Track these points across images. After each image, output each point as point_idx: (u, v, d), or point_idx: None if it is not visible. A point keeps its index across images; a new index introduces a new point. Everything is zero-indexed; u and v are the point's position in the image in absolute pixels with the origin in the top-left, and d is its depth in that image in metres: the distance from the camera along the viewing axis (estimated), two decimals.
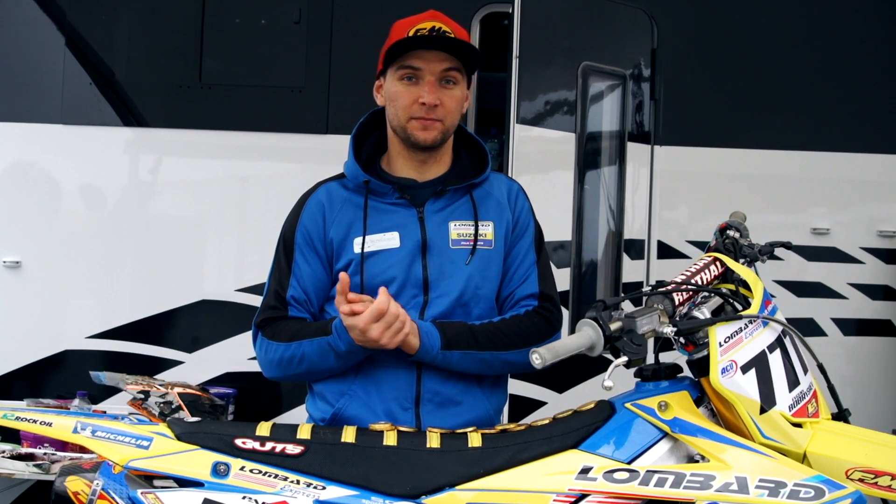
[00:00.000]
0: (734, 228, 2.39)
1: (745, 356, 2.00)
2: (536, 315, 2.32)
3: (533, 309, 2.33)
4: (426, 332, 2.19)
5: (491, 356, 2.25)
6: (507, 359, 2.27)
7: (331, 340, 2.19)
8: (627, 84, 4.11)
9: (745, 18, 4.27)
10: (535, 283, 2.35)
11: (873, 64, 4.23)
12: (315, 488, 1.94)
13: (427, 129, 2.28)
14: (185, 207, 4.19)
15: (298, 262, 2.31)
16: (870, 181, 4.22)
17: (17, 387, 4.10)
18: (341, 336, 2.16)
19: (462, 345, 2.22)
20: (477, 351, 2.23)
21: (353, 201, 2.33)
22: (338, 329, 2.17)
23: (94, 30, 4.20)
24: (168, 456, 1.98)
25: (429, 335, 2.19)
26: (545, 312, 2.34)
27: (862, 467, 1.93)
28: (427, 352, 2.19)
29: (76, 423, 2.01)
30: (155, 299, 4.13)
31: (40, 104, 4.17)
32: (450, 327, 2.23)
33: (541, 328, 2.31)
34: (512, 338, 2.27)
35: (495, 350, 2.25)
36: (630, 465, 1.94)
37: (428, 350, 2.19)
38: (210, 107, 4.16)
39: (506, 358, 2.27)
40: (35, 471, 3.55)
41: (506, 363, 2.28)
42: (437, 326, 2.22)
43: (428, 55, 2.25)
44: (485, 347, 2.24)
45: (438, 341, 2.20)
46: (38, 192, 4.19)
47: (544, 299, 2.35)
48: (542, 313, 2.33)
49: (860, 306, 4.19)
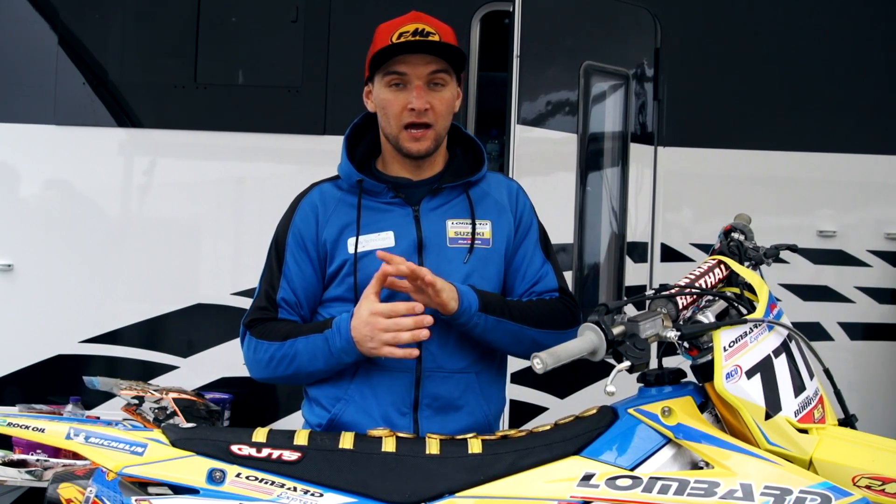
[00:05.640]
0: (739, 231, 2.38)
1: (749, 361, 1.98)
2: (561, 303, 2.34)
3: (558, 298, 2.35)
4: (464, 292, 2.18)
5: (520, 329, 2.25)
6: (533, 336, 2.26)
7: (328, 335, 2.17)
8: (630, 84, 4.10)
9: (751, 17, 4.27)
10: (553, 279, 2.37)
11: (880, 64, 4.24)
12: (312, 495, 1.92)
13: (419, 141, 2.27)
14: (181, 209, 4.18)
15: (289, 264, 2.30)
16: (877, 183, 4.22)
17: (10, 392, 4.09)
18: (342, 331, 2.14)
19: (497, 311, 2.22)
20: (510, 321, 2.23)
21: (346, 201, 2.32)
22: (340, 324, 2.15)
23: (88, 29, 4.19)
24: (163, 462, 1.96)
25: (467, 295, 2.18)
26: (568, 304, 2.35)
27: (869, 474, 1.92)
28: (465, 311, 2.18)
29: (69, 428, 2.00)
30: (149, 303, 4.13)
31: (33, 105, 4.16)
32: (485, 294, 2.23)
33: (566, 315, 2.32)
34: (540, 316, 2.27)
35: (525, 324, 2.25)
36: (633, 472, 1.92)
37: (466, 310, 2.18)
38: (205, 107, 4.16)
39: (533, 335, 2.26)
40: (27, 477, 3.54)
41: (532, 341, 2.25)
42: (474, 289, 2.21)
43: (413, 59, 2.24)
44: (516, 319, 2.24)
45: (477, 302, 2.19)
46: (30, 195, 4.19)
47: (564, 293, 2.37)
48: (566, 304, 2.35)
49: (867, 310, 4.19)
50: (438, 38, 2.24)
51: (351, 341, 2.13)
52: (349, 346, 2.14)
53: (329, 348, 2.17)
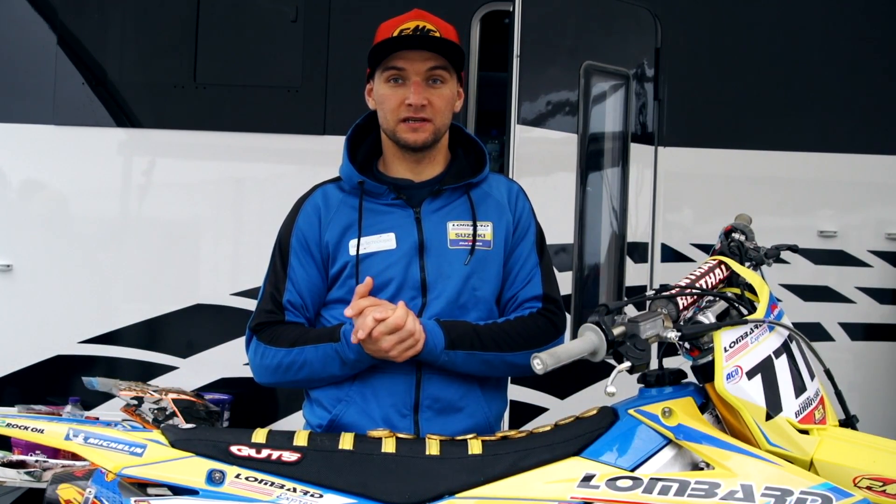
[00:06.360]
0: (739, 231, 2.39)
1: (750, 361, 1.98)
2: (541, 317, 2.30)
3: (537, 311, 2.31)
4: (430, 331, 2.17)
5: (495, 357, 2.22)
6: (510, 360, 2.24)
7: (338, 347, 2.17)
8: (631, 84, 4.10)
9: (752, 17, 4.26)
10: (538, 285, 2.34)
11: (881, 64, 4.23)
12: (312, 496, 1.92)
13: (417, 132, 2.27)
14: (180, 210, 4.17)
15: (294, 266, 2.29)
16: (878, 183, 4.22)
17: (9, 393, 4.08)
18: (350, 343, 2.13)
19: (466, 345, 2.20)
20: (481, 352, 2.21)
21: (348, 203, 2.31)
22: (346, 336, 2.15)
23: (87, 29, 4.18)
24: (162, 463, 1.95)
25: (432, 334, 2.17)
26: (549, 315, 2.32)
27: (870, 475, 1.91)
28: (430, 352, 2.16)
29: (68, 429, 2.00)
30: (149, 303, 4.12)
31: (32, 105, 4.14)
32: (454, 327, 2.20)
33: (545, 330, 2.29)
34: (516, 339, 2.24)
35: (499, 351, 2.22)
36: (633, 473, 1.92)
37: (431, 350, 2.16)
38: (205, 107, 4.15)
39: (510, 360, 2.24)
40: (26, 478, 3.54)
41: (510, 365, 2.25)
42: (441, 326, 2.19)
43: (412, 55, 2.24)
44: (489, 348, 2.22)
45: (442, 341, 2.17)
46: (29, 195, 4.18)
47: (548, 301, 2.33)
48: (547, 315, 2.31)
49: (868, 310, 4.18)
50: (439, 36, 2.24)
51: (362, 350, 2.13)
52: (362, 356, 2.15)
53: (342, 357, 2.17)
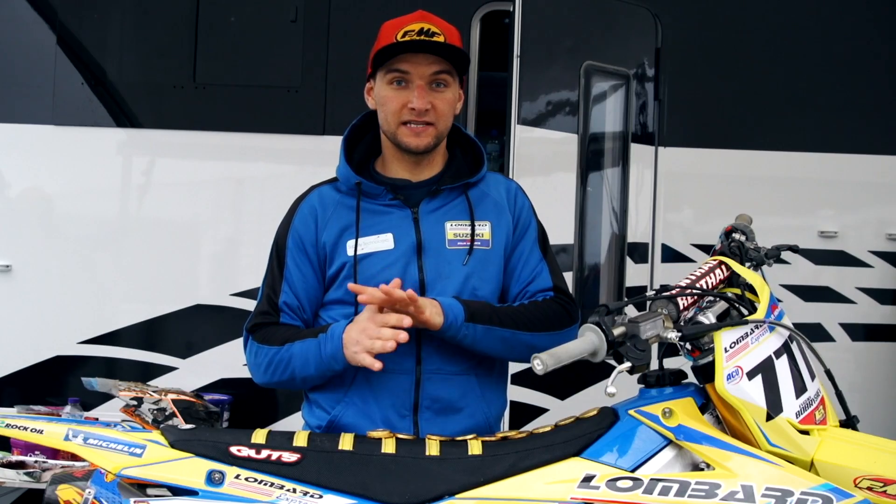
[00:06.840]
0: (740, 231, 2.39)
1: (751, 362, 1.98)
2: (555, 303, 2.31)
3: (552, 298, 2.32)
4: (448, 305, 2.16)
5: (511, 335, 2.22)
6: (526, 340, 2.23)
7: (321, 339, 2.16)
8: (631, 84, 4.10)
9: (751, 17, 4.26)
10: (548, 278, 2.34)
11: (881, 64, 4.24)
12: (311, 497, 1.92)
13: (419, 136, 2.26)
14: (180, 210, 4.17)
15: (290, 267, 2.29)
16: (878, 183, 4.22)
17: (8, 393, 4.09)
18: (334, 336, 2.13)
19: (485, 319, 2.19)
20: (499, 327, 2.20)
21: (345, 204, 2.31)
22: (334, 329, 2.15)
23: (86, 29, 4.18)
24: (161, 464, 1.95)
25: (451, 308, 2.16)
26: (563, 303, 2.32)
27: (871, 475, 1.91)
28: (452, 325, 2.15)
29: (68, 430, 1.99)
30: (148, 304, 4.12)
31: (31, 105, 4.15)
32: (471, 302, 2.20)
33: (560, 315, 2.29)
34: (532, 320, 2.24)
35: (516, 329, 2.22)
36: (634, 474, 1.92)
37: (452, 323, 2.15)
38: (204, 107, 4.15)
39: (525, 339, 2.23)
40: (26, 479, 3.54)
41: (525, 345, 2.23)
42: (459, 300, 2.19)
43: (416, 58, 2.23)
44: (506, 325, 2.21)
45: (462, 314, 2.16)
46: (28, 195, 4.18)
47: (560, 292, 2.34)
48: (561, 303, 2.32)
49: (868, 311, 4.19)
50: (444, 39, 2.22)
51: (340, 347, 2.12)
52: (337, 353, 2.13)
53: (320, 353, 2.16)
